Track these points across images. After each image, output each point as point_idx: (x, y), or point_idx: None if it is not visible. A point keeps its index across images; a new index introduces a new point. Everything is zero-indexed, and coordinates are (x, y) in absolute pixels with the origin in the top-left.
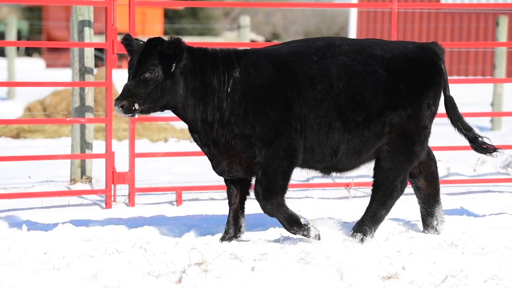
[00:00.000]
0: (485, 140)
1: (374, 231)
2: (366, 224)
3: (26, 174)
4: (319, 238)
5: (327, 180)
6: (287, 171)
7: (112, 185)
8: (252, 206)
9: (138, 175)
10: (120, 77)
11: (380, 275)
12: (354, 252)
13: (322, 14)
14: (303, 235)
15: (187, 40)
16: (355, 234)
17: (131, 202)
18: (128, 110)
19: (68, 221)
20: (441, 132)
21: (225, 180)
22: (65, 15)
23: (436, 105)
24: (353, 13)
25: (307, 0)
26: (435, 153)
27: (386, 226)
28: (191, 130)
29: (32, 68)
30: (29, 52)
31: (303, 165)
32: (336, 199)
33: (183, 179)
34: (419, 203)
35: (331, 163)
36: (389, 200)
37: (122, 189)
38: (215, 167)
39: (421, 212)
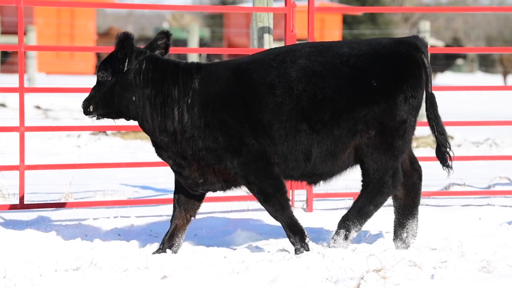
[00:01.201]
0: (450, 152)
1: (360, 226)
2: (350, 219)
3: None
4: (308, 249)
5: (509, 187)
6: (268, 171)
7: (290, 191)
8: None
9: None
10: None
11: None
12: None
13: (505, 18)
14: (300, 247)
15: None
16: (338, 230)
17: (308, 207)
18: (86, 112)
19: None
20: None
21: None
22: (245, 22)
23: (416, 97)
24: None
25: (489, 3)
26: None
27: None
28: (153, 143)
29: None
30: (210, 58)
31: (282, 176)
32: None
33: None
34: (394, 212)
35: (307, 169)
36: (377, 196)
37: (299, 195)
38: (186, 178)
39: (394, 221)
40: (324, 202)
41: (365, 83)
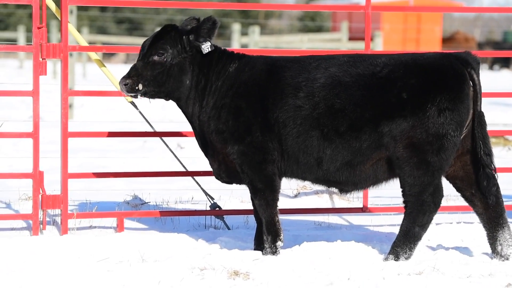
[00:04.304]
0: (495, 175)
1: (409, 251)
2: (398, 245)
3: None
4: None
5: None
6: (263, 166)
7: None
8: None
9: None
10: None
11: None
12: None
13: None
14: (269, 247)
15: None
16: (388, 257)
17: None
18: (131, 89)
19: None
20: None
21: None
22: None
23: (453, 110)
24: None
25: None
26: None
27: None
28: (193, 129)
29: None
30: None
31: (294, 176)
32: None
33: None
34: (483, 227)
35: (319, 174)
36: (419, 215)
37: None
38: (212, 166)
39: (487, 237)
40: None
41: (394, 96)
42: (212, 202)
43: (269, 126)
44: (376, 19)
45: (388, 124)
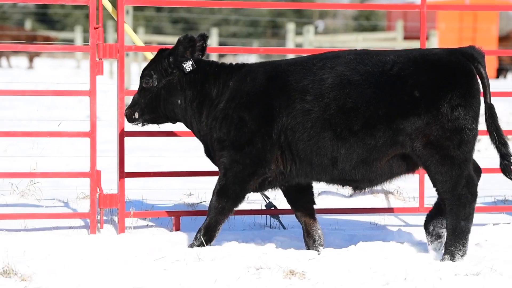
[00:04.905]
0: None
1: (463, 247)
2: (450, 245)
3: None
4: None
5: None
6: (247, 180)
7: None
8: None
9: None
10: None
11: None
12: None
13: None
14: (194, 242)
15: None
16: (444, 257)
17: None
18: (130, 119)
19: None
20: None
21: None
22: None
23: (467, 106)
24: None
25: None
26: None
27: None
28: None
29: None
30: None
31: (309, 178)
32: None
33: None
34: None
35: (334, 173)
36: (460, 209)
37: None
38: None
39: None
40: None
41: (406, 93)
42: (267, 201)
43: (273, 136)
44: (432, 18)
45: (402, 122)
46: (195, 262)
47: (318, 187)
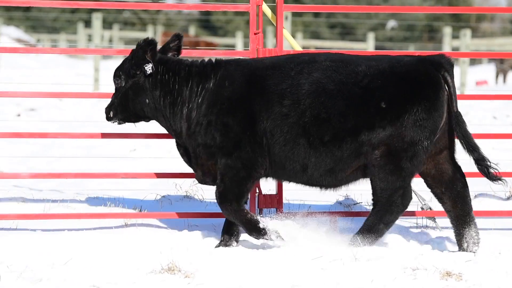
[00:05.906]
0: (492, 165)
1: (369, 244)
2: (360, 236)
3: None
4: (282, 239)
5: None
6: (243, 182)
7: None
8: None
9: None
10: None
11: None
12: None
13: None
14: (265, 239)
15: None
16: (350, 242)
17: None
18: (107, 117)
19: None
20: None
21: None
22: None
23: (429, 119)
24: None
25: None
26: None
27: None
28: (175, 141)
29: None
30: None
31: (281, 178)
32: None
33: None
34: (451, 224)
35: (304, 179)
36: (387, 215)
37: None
38: (195, 176)
39: (454, 234)
40: None
41: (374, 106)
42: (423, 203)
43: (258, 139)
44: None
45: (369, 134)
46: (352, 262)
47: (475, 189)
